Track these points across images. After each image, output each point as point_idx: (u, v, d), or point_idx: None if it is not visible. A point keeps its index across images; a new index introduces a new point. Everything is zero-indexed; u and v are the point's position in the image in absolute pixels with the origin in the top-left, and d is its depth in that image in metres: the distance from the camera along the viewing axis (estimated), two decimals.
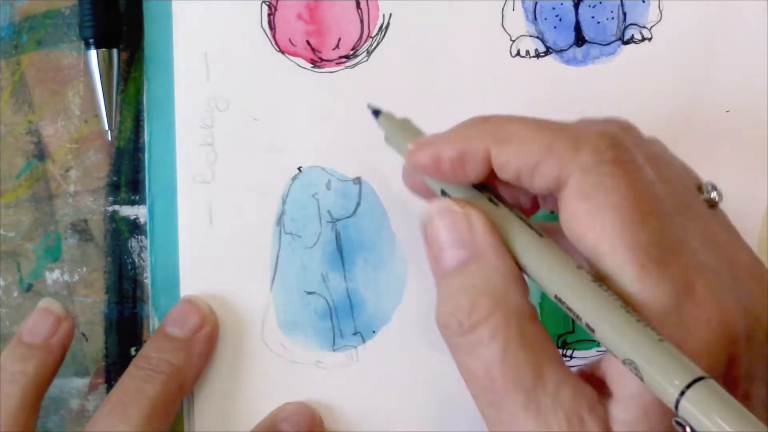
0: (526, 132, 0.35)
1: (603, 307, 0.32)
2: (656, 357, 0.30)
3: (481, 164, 0.36)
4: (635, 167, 0.34)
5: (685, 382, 0.29)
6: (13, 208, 0.46)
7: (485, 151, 0.36)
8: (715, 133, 0.46)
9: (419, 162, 0.37)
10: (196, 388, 0.44)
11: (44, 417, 0.46)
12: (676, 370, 0.30)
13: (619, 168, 0.34)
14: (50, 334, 0.42)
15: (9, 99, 0.46)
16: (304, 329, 0.45)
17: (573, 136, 0.35)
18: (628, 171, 0.34)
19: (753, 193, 0.46)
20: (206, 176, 0.45)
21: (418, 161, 0.37)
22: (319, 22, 0.46)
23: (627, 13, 0.46)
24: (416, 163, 0.37)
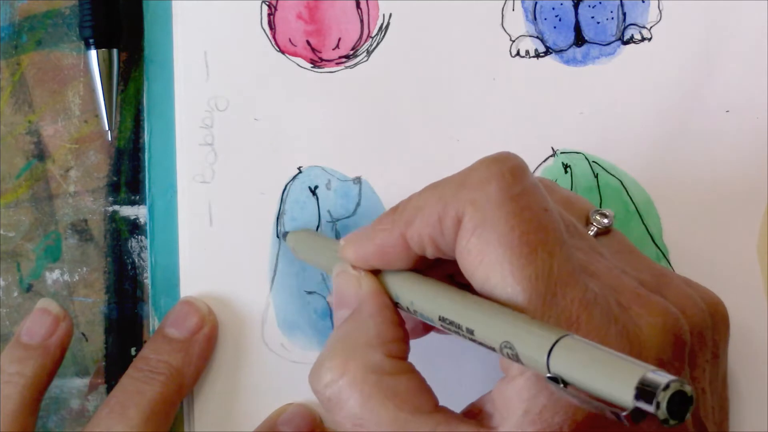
0: (424, 200, 0.36)
1: (475, 307, 0.33)
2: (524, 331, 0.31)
3: (401, 252, 0.37)
4: (524, 193, 0.34)
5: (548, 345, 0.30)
6: (13, 208, 0.46)
7: (400, 238, 0.36)
8: (715, 133, 0.46)
9: (348, 258, 0.38)
10: (196, 389, 0.44)
11: (44, 417, 0.46)
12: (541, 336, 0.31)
13: (506, 196, 0.34)
14: (48, 334, 0.42)
15: (9, 99, 0.46)
16: (304, 329, 0.45)
17: (459, 176, 0.35)
18: (515, 198, 0.34)
19: (753, 193, 0.46)
20: (206, 176, 0.45)
21: (348, 258, 0.38)
22: (319, 22, 0.46)
23: (627, 13, 0.46)
24: (347, 259, 0.38)
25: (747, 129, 0.46)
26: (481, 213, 0.34)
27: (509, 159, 0.35)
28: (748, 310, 0.45)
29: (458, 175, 0.35)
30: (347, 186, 0.46)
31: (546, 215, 0.34)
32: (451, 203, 0.34)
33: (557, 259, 0.33)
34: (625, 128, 0.46)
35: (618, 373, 0.28)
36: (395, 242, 0.36)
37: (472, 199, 0.34)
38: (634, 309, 0.34)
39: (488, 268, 0.33)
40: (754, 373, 0.45)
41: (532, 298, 0.33)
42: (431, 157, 0.46)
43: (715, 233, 0.45)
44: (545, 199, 0.35)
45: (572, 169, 0.46)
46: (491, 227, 0.33)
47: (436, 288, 0.36)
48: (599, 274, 0.35)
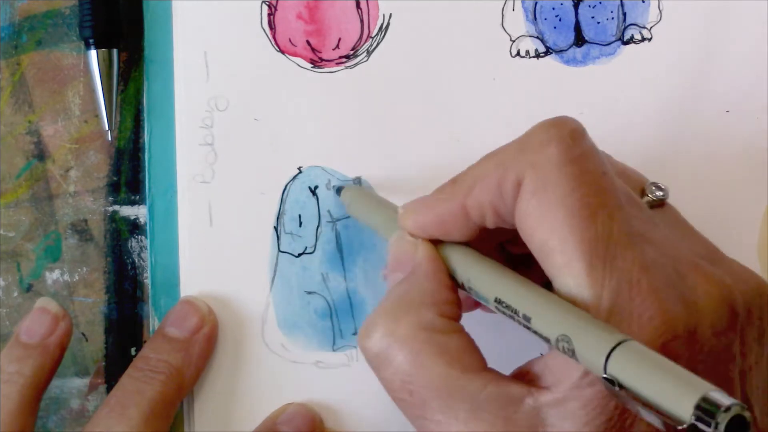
0: (482, 167, 0.36)
1: (535, 295, 0.33)
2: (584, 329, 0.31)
3: (461, 222, 0.37)
4: (584, 155, 0.34)
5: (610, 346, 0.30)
6: (13, 208, 0.46)
7: (460, 208, 0.36)
8: (715, 133, 0.46)
9: (407, 226, 0.38)
10: (196, 389, 0.44)
11: (44, 417, 0.46)
12: (601, 337, 0.30)
13: (567, 159, 0.34)
14: (48, 333, 0.42)
15: (9, 99, 0.46)
16: (304, 329, 0.45)
17: (518, 141, 0.35)
18: (576, 161, 0.34)
19: (753, 193, 0.46)
20: (206, 176, 0.45)
21: (407, 226, 0.38)
22: (319, 22, 0.46)
23: (627, 14, 0.46)
24: (406, 228, 0.39)
25: (747, 129, 0.46)
26: (541, 175, 0.34)
27: (568, 122, 0.35)
28: None
29: (517, 140, 0.36)
30: None
31: (605, 178, 0.34)
32: (510, 167, 0.35)
33: (617, 222, 0.33)
34: (625, 128, 0.46)
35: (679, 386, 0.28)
36: (455, 211, 0.37)
37: (532, 162, 0.34)
38: (691, 277, 0.34)
39: (548, 231, 0.33)
40: None
41: (593, 260, 0.32)
42: (431, 157, 0.46)
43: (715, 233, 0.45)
44: (604, 163, 0.35)
45: None
46: (552, 189, 0.33)
47: (496, 268, 0.36)
48: (656, 241, 0.35)
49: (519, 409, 0.33)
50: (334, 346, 0.45)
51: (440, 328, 0.35)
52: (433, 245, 0.38)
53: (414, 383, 0.35)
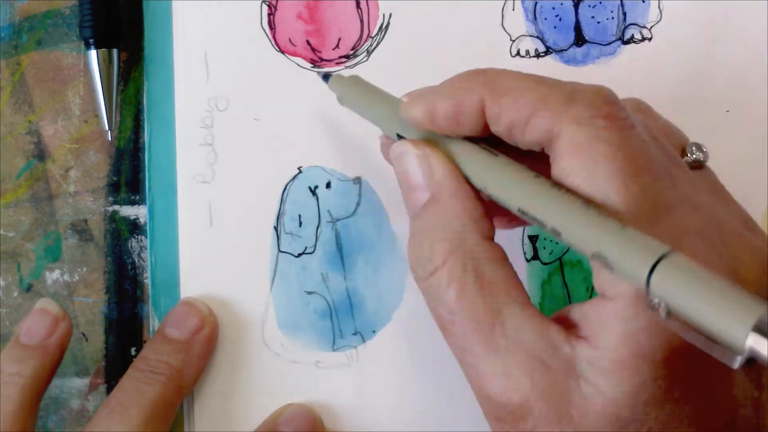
0: (522, 84, 0.35)
1: (564, 207, 0.32)
2: (621, 242, 0.30)
3: (475, 117, 0.36)
4: (629, 124, 0.34)
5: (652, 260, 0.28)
6: (13, 208, 0.46)
7: (479, 102, 0.35)
8: (715, 133, 0.46)
9: (413, 116, 0.37)
10: (196, 389, 0.44)
11: (44, 417, 0.46)
12: (641, 250, 0.29)
13: (614, 123, 0.33)
14: (48, 334, 0.42)
15: (9, 99, 0.46)
16: (304, 329, 0.45)
17: (568, 90, 0.35)
18: (622, 127, 0.34)
19: (753, 193, 0.46)
20: (206, 176, 0.45)
21: (411, 115, 0.37)
22: (319, 21, 0.46)
23: (627, 13, 0.46)
24: (410, 117, 0.37)
25: (747, 129, 0.46)
26: (588, 132, 0.33)
27: (616, 97, 0.35)
28: None
29: (565, 85, 0.35)
30: (347, 186, 0.46)
31: (651, 145, 0.34)
32: (552, 110, 0.34)
33: (664, 183, 0.33)
34: None
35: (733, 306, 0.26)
36: (473, 105, 0.35)
37: (579, 117, 0.33)
38: (735, 246, 0.34)
39: (594, 185, 0.33)
40: None
41: (636, 218, 0.32)
42: None
43: None
44: (648, 133, 0.35)
45: None
46: (600, 146, 0.33)
47: (515, 174, 0.34)
48: (702, 206, 0.35)
49: (555, 353, 0.33)
50: (334, 346, 0.45)
51: (485, 256, 0.35)
52: (445, 156, 0.36)
53: (458, 315, 0.34)
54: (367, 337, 0.45)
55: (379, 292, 0.45)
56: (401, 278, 0.45)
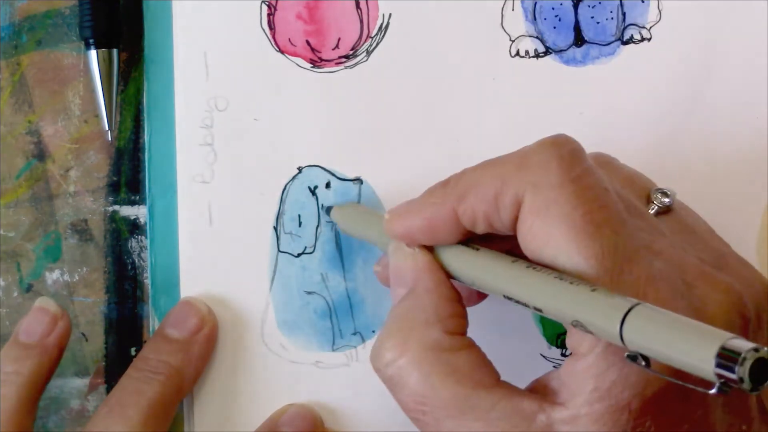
0: (479, 176, 0.36)
1: (540, 284, 0.33)
2: (592, 306, 0.31)
3: (450, 227, 0.37)
4: (584, 174, 0.34)
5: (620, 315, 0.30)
6: (13, 208, 0.46)
7: (451, 212, 0.36)
8: (715, 132, 0.46)
9: (394, 233, 0.38)
10: (196, 389, 0.44)
11: (44, 417, 0.46)
12: (609, 309, 0.30)
13: (567, 178, 0.34)
14: (46, 333, 0.42)
15: (9, 99, 0.46)
16: (304, 329, 0.45)
17: (518, 157, 0.35)
18: (577, 179, 0.34)
19: (753, 193, 0.46)
20: (206, 176, 0.45)
21: (393, 233, 0.38)
22: (319, 22, 0.46)
23: (626, 13, 0.46)
24: (391, 235, 0.39)
25: (747, 129, 0.46)
26: (543, 195, 0.34)
27: (568, 142, 0.35)
28: None
29: (516, 155, 0.36)
30: (347, 186, 0.46)
31: (607, 194, 0.34)
32: (510, 183, 0.35)
33: (622, 236, 0.33)
34: (625, 128, 0.46)
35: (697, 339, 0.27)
36: (446, 216, 0.36)
37: (533, 182, 0.34)
38: (699, 286, 0.34)
39: (555, 249, 0.33)
40: None
41: (600, 275, 0.32)
42: (431, 157, 0.46)
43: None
44: (604, 179, 0.35)
45: None
46: (555, 209, 0.33)
47: (495, 264, 0.36)
48: (663, 252, 0.35)
49: (531, 425, 0.33)
50: (333, 346, 0.45)
51: (448, 346, 0.35)
52: (430, 255, 0.38)
53: (427, 404, 0.35)
54: (366, 337, 0.45)
55: (378, 292, 0.45)
56: None
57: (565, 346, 0.45)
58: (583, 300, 0.32)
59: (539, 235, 0.34)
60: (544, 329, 0.45)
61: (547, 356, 0.45)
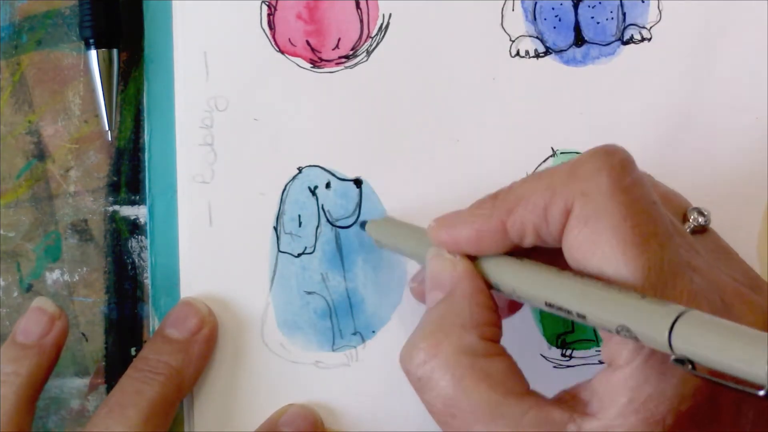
0: (529, 188, 0.36)
1: (585, 291, 0.33)
2: (642, 311, 0.31)
3: (497, 238, 0.37)
4: (634, 184, 0.34)
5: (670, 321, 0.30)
6: (13, 208, 0.46)
7: (500, 224, 0.36)
8: (715, 132, 0.46)
9: (440, 240, 0.38)
10: (196, 389, 0.44)
11: (44, 417, 0.46)
12: (659, 314, 0.30)
13: (618, 188, 0.34)
14: (44, 333, 0.42)
15: (9, 99, 0.46)
16: (304, 329, 0.45)
17: (568, 166, 0.35)
18: (627, 190, 0.34)
19: (753, 193, 0.46)
20: (206, 176, 0.45)
21: (439, 240, 0.38)
22: (319, 22, 0.46)
23: (626, 14, 0.46)
24: (437, 241, 0.38)
25: (747, 129, 0.46)
26: (592, 204, 0.34)
27: (618, 151, 0.35)
28: None
29: (566, 165, 0.35)
30: (347, 186, 0.46)
31: (655, 207, 0.34)
32: (559, 193, 0.35)
33: (667, 251, 0.33)
34: (625, 128, 0.46)
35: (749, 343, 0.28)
36: (494, 228, 0.36)
37: (583, 190, 0.34)
38: (736, 305, 0.34)
39: (601, 259, 0.33)
40: None
41: (646, 288, 0.32)
42: (431, 157, 0.46)
43: None
44: (653, 192, 0.35)
45: None
46: (604, 218, 0.33)
47: (539, 272, 0.35)
48: (701, 270, 0.35)
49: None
50: (333, 346, 0.45)
51: (482, 352, 0.35)
52: (471, 263, 0.38)
53: (457, 407, 0.35)
54: (366, 337, 0.45)
55: (378, 293, 0.45)
56: (401, 278, 0.45)
57: (565, 346, 0.45)
58: (632, 305, 0.31)
59: (587, 244, 0.34)
60: (544, 329, 0.45)
61: (547, 356, 0.45)
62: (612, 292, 0.32)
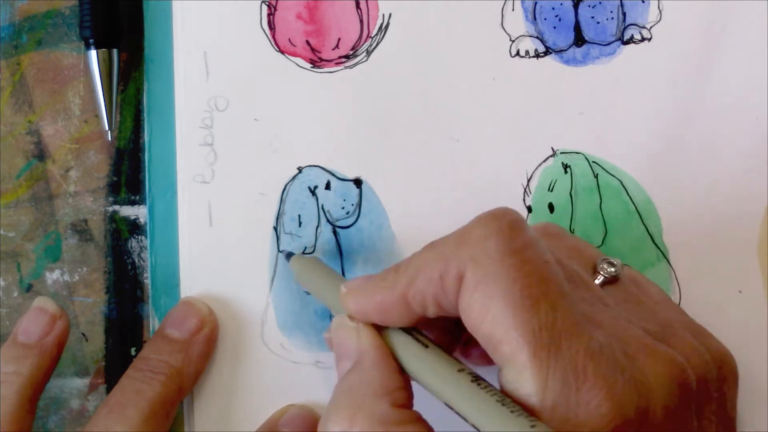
0: (424, 259, 0.36)
1: (482, 405, 0.33)
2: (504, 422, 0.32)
3: (402, 310, 0.37)
4: (525, 246, 0.34)
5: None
6: (13, 208, 0.46)
7: (401, 297, 0.36)
8: (714, 133, 0.46)
9: (348, 308, 0.38)
10: (196, 389, 0.44)
11: (44, 417, 0.46)
12: None
13: (507, 251, 0.34)
14: (45, 333, 0.42)
15: (9, 99, 0.46)
16: (304, 329, 0.45)
17: (458, 234, 0.35)
18: (516, 252, 0.34)
19: (753, 193, 0.46)
20: (206, 176, 0.45)
21: (347, 308, 0.38)
22: (319, 22, 0.46)
23: (627, 13, 0.46)
24: (346, 309, 0.38)
25: (747, 129, 0.46)
26: (482, 269, 0.34)
27: (507, 214, 0.35)
28: (748, 311, 0.45)
29: (457, 233, 0.36)
30: (347, 186, 0.46)
31: (547, 267, 0.34)
32: (452, 260, 0.35)
33: (560, 310, 0.33)
34: (625, 128, 0.46)
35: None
36: (396, 300, 0.37)
37: (472, 256, 0.34)
38: (641, 358, 0.34)
39: (492, 324, 0.33)
40: (754, 373, 0.45)
41: (537, 351, 0.33)
42: (431, 157, 0.46)
43: (715, 233, 0.45)
44: (545, 252, 0.35)
45: (572, 169, 0.46)
46: (493, 282, 0.33)
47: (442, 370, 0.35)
48: (604, 324, 0.35)
49: None
50: None
51: (396, 420, 0.35)
52: (375, 331, 0.38)
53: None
54: None
55: None
56: None
57: None
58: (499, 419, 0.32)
59: (478, 308, 0.34)
60: None
61: None
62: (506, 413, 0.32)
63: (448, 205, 0.45)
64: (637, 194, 0.46)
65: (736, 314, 0.45)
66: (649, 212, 0.46)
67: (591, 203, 0.46)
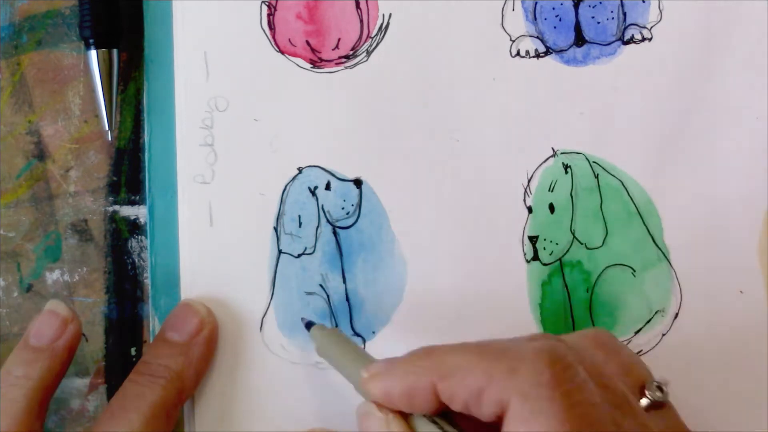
0: (467, 362, 0.36)
1: None
2: None
3: (429, 398, 0.37)
4: (575, 386, 0.35)
5: None
6: (13, 208, 0.46)
7: (431, 385, 0.36)
8: (715, 133, 0.46)
9: (372, 393, 0.38)
10: (197, 390, 0.44)
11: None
12: None
13: (558, 390, 0.34)
14: (56, 336, 0.42)
15: (9, 99, 0.46)
16: (304, 330, 0.45)
17: (511, 357, 0.35)
18: (567, 393, 0.34)
19: (753, 193, 0.46)
20: (206, 176, 0.45)
21: (370, 393, 0.38)
22: (319, 22, 0.46)
23: (627, 13, 0.46)
24: (368, 394, 0.38)
25: (747, 129, 0.46)
26: (531, 405, 0.34)
27: (563, 357, 0.35)
28: (748, 311, 0.45)
29: (509, 356, 0.36)
30: (347, 186, 0.46)
31: (595, 410, 0.34)
32: (497, 383, 0.35)
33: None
34: (625, 128, 0.46)
35: None
36: (425, 388, 0.37)
37: (523, 391, 0.34)
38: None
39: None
40: (754, 373, 0.45)
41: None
42: (431, 157, 0.46)
43: (715, 234, 0.45)
44: (594, 395, 0.35)
45: (572, 169, 0.46)
46: (544, 421, 0.34)
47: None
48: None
49: None
50: None
51: None
52: (405, 422, 0.38)
53: None
54: (366, 338, 0.45)
55: (378, 294, 0.45)
56: (401, 280, 0.45)
57: None
58: None
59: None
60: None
61: None
62: None
63: (448, 206, 0.45)
64: (637, 194, 0.46)
65: (736, 314, 0.45)
66: (650, 212, 0.46)
67: (592, 203, 0.46)
